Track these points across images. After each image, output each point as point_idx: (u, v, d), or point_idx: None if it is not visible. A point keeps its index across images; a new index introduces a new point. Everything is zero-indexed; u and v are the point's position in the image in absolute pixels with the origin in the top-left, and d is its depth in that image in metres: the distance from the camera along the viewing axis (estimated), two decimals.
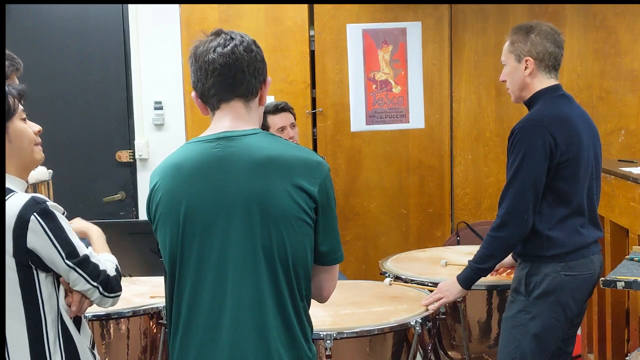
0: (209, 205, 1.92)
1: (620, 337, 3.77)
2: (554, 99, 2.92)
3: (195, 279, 1.94)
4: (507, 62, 2.99)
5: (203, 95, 1.99)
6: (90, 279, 2.13)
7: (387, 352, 2.95)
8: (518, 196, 2.83)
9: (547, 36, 2.94)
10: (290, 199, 1.89)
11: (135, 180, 5.11)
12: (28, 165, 2.23)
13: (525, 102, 2.99)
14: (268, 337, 1.91)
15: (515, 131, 2.87)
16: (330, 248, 2.00)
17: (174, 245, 1.95)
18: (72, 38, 5.03)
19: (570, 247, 2.86)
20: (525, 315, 2.89)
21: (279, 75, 4.94)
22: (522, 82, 2.95)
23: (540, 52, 2.92)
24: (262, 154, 1.92)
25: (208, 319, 1.93)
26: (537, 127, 2.83)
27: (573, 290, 2.88)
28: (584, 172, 2.89)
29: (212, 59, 1.94)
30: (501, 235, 2.88)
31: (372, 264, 4.91)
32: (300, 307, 1.96)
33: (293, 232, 1.90)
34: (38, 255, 2.07)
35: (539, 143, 2.81)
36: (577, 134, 2.88)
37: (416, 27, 5.03)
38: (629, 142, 4.99)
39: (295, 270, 1.93)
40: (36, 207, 2.07)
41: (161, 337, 3.11)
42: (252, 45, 1.99)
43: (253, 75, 1.97)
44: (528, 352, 2.88)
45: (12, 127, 2.16)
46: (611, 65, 4.99)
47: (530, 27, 2.96)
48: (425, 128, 5.09)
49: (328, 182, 1.96)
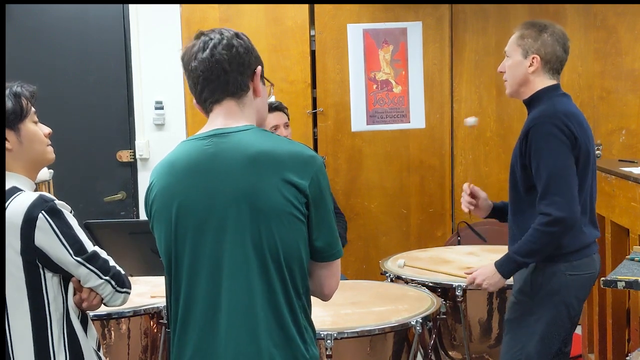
0: (200, 202, 1.92)
1: (621, 337, 3.77)
2: (558, 97, 2.90)
3: (190, 277, 1.94)
4: (511, 55, 2.94)
5: (198, 101, 2.02)
6: (102, 274, 2.14)
7: (388, 352, 2.95)
8: (565, 188, 2.75)
9: (558, 39, 2.91)
10: (280, 194, 1.87)
11: (136, 180, 5.11)
12: (38, 165, 2.24)
13: (525, 101, 2.95)
14: (259, 335, 1.89)
15: (530, 131, 2.80)
16: (326, 243, 1.96)
17: (168, 243, 1.96)
18: (73, 38, 5.03)
19: (575, 246, 2.84)
20: (530, 316, 2.87)
21: (280, 75, 4.94)
22: (523, 78, 2.91)
23: (549, 53, 2.89)
24: (253, 149, 1.91)
25: (204, 317, 1.93)
26: (553, 122, 2.77)
27: (577, 289, 2.87)
28: (591, 170, 2.89)
29: (194, 66, 1.96)
30: (553, 230, 2.77)
31: (373, 264, 4.92)
32: (297, 305, 1.93)
33: (283, 228, 1.88)
34: (46, 253, 2.07)
35: (558, 135, 2.75)
36: (587, 131, 2.87)
37: (417, 27, 5.03)
38: (629, 142, 4.99)
39: (289, 266, 1.91)
40: (44, 205, 2.08)
41: (162, 336, 3.11)
42: (232, 40, 1.97)
43: (238, 72, 1.97)
44: (533, 353, 2.86)
45: (24, 129, 2.17)
46: (612, 65, 4.99)
47: (545, 26, 2.92)
48: (426, 128, 5.09)
49: (321, 176, 1.93)
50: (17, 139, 2.16)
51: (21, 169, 2.18)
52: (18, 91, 2.17)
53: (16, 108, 2.15)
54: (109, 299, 2.18)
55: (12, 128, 2.15)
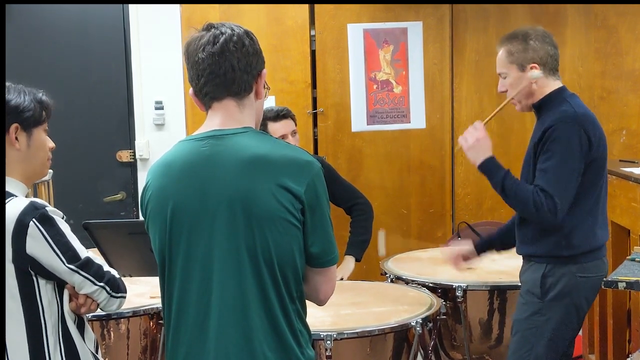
0: (194, 204, 1.90)
1: (622, 338, 3.76)
2: (572, 97, 2.88)
3: (183, 278, 1.92)
4: (508, 73, 2.91)
5: (197, 94, 1.98)
6: (96, 280, 2.12)
7: (388, 352, 2.95)
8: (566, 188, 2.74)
9: (544, 39, 2.88)
10: (274, 199, 1.85)
11: (136, 180, 5.11)
12: (36, 174, 2.24)
13: (535, 105, 2.91)
14: (252, 339, 1.87)
15: (550, 127, 2.77)
16: (322, 250, 1.94)
17: (162, 244, 1.94)
18: (73, 38, 5.03)
19: (586, 248, 2.83)
20: (540, 317, 2.85)
21: (280, 75, 4.94)
22: (529, 91, 2.88)
23: (543, 56, 2.86)
24: (249, 152, 1.88)
25: (195, 319, 1.91)
26: (572, 125, 2.75)
27: (587, 291, 2.86)
28: (605, 172, 2.88)
29: (201, 58, 1.92)
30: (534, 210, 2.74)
31: (373, 264, 4.90)
32: (291, 309, 1.91)
33: (277, 233, 1.86)
34: (38, 261, 2.06)
35: (575, 141, 2.74)
36: (602, 133, 2.85)
37: (417, 27, 5.02)
38: (630, 143, 4.98)
39: (282, 271, 1.89)
40: (35, 212, 2.06)
41: (161, 337, 3.10)
42: (244, 38, 1.94)
43: (245, 71, 1.94)
44: (542, 354, 2.85)
45: (36, 135, 2.18)
46: (612, 65, 4.98)
47: (526, 33, 2.89)
48: (426, 128, 5.08)
49: (317, 182, 1.90)
50: (27, 142, 2.16)
51: (20, 174, 2.17)
52: (43, 99, 2.20)
53: (37, 113, 2.17)
54: (104, 305, 2.17)
55: (26, 130, 2.16)
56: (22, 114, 2.14)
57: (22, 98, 2.15)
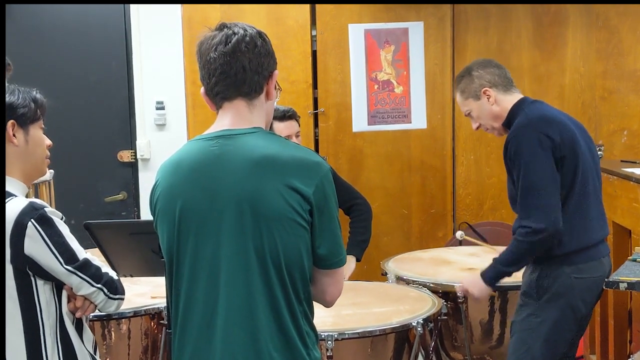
0: (203, 203, 1.90)
1: (623, 338, 3.76)
2: (530, 105, 2.97)
3: (191, 278, 1.92)
4: (470, 108, 3.06)
5: (208, 93, 1.98)
6: (94, 281, 2.12)
7: (389, 353, 2.95)
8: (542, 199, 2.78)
9: (485, 65, 3.05)
10: (283, 199, 1.85)
11: (137, 180, 5.10)
12: (35, 172, 2.24)
13: (504, 124, 3.02)
14: (259, 338, 1.87)
15: (508, 142, 2.88)
16: (330, 251, 1.93)
17: (170, 243, 1.94)
18: (74, 38, 5.03)
19: (577, 246, 2.84)
20: (535, 318, 2.87)
21: (281, 75, 4.85)
22: (492, 113, 3.02)
23: (490, 79, 3.01)
24: (258, 153, 1.88)
25: (202, 318, 1.91)
26: (527, 130, 2.84)
27: (583, 292, 2.86)
28: (587, 167, 2.88)
29: (213, 58, 1.92)
30: (532, 240, 2.80)
31: (374, 265, 4.90)
32: (298, 310, 1.91)
33: (285, 234, 1.86)
34: (36, 261, 2.06)
35: (535, 143, 2.81)
36: (568, 129, 2.88)
37: (418, 27, 5.02)
38: (631, 143, 4.97)
39: (290, 272, 1.88)
40: (33, 213, 2.06)
41: (162, 337, 3.10)
42: (256, 38, 1.94)
43: (256, 72, 1.94)
44: (538, 355, 2.87)
45: (33, 131, 2.20)
46: (614, 66, 4.98)
47: (468, 68, 3.08)
48: (427, 128, 5.08)
49: (326, 183, 1.90)
50: (25, 138, 2.17)
51: (20, 172, 2.17)
52: (37, 97, 2.22)
53: (32, 110, 2.18)
54: (102, 306, 2.17)
55: (23, 127, 2.17)
56: (17, 111, 2.15)
57: (16, 96, 2.17)
